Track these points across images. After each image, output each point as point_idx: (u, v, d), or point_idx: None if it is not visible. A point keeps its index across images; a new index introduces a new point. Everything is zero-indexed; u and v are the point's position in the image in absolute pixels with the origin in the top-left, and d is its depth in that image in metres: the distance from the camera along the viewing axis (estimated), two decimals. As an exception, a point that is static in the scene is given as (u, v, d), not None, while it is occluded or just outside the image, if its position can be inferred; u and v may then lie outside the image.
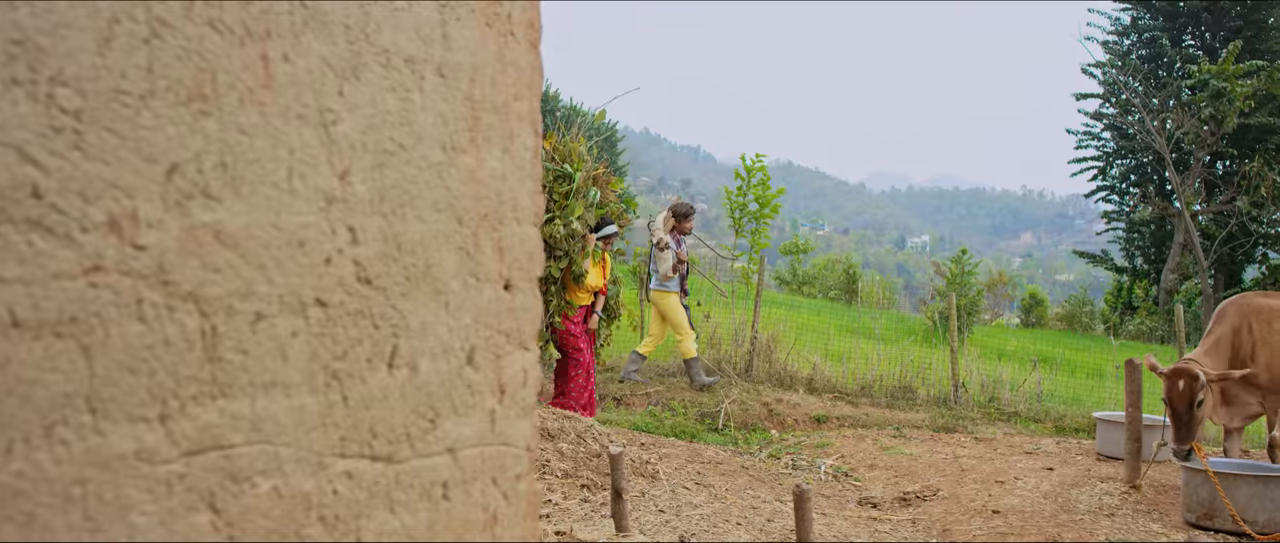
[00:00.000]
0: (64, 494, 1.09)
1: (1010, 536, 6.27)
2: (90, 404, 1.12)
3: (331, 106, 1.46)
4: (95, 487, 1.13)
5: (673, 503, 6.49)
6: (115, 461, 1.14)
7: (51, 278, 1.08)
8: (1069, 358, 15.43)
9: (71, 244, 1.10)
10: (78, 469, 1.11)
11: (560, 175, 8.27)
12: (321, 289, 1.44)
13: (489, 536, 1.81)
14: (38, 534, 1.07)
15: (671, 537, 5.82)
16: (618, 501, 5.54)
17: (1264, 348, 6.71)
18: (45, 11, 1.08)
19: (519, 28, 1.90)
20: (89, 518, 1.12)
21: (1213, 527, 6.14)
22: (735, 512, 6.48)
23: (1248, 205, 26.04)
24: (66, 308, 1.10)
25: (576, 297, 8.60)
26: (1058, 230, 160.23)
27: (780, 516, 6.55)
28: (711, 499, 6.73)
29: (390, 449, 1.58)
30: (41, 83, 1.07)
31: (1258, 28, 28.21)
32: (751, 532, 6.10)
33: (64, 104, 1.09)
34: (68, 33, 1.10)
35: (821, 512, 6.81)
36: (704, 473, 7.50)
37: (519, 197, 1.90)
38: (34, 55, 1.06)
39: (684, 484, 7.00)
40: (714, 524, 6.13)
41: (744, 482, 7.50)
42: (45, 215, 1.08)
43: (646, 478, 6.92)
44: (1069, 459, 8.29)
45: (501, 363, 1.85)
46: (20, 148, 1.05)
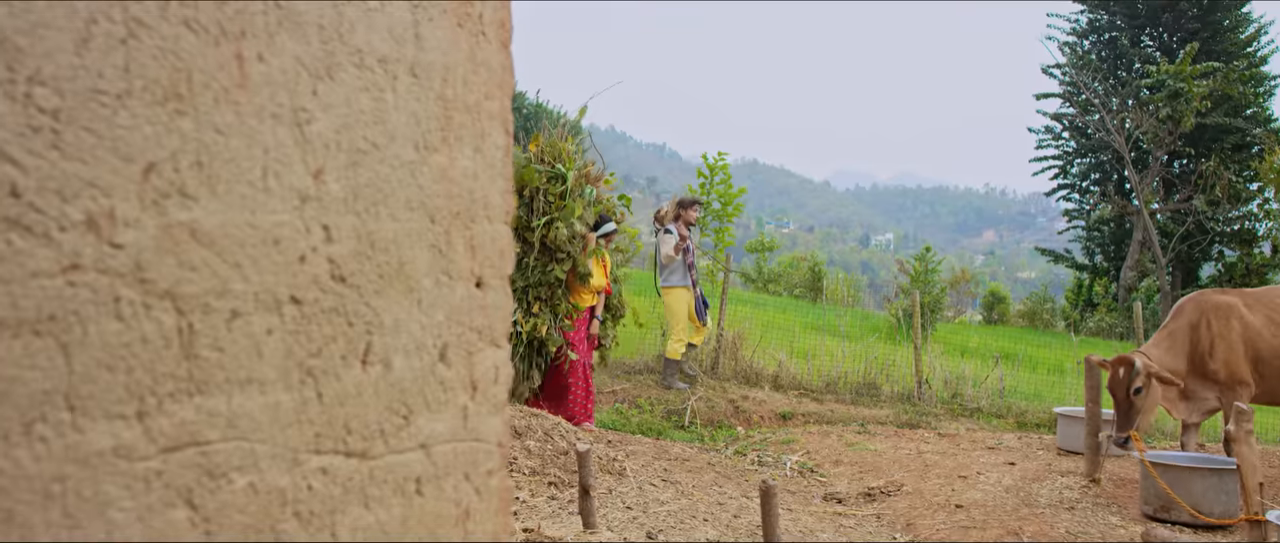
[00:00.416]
0: (43, 491, 1.10)
1: (973, 529, 6.35)
2: (69, 402, 1.13)
3: (306, 106, 1.47)
4: (74, 484, 1.13)
5: (640, 500, 6.52)
6: (94, 458, 1.15)
7: (30, 276, 1.09)
8: (1030, 354, 15.61)
9: (50, 243, 1.11)
10: (57, 466, 1.12)
11: (553, 176, 8.17)
12: (296, 287, 1.45)
13: (462, 531, 1.83)
14: (17, 531, 1.08)
15: (639, 534, 5.85)
16: (585, 498, 5.56)
17: (1222, 344, 6.83)
18: (23, 11, 1.08)
19: (490, 28, 1.91)
20: (68, 515, 1.13)
21: (1170, 519, 6.25)
22: (702, 508, 6.52)
23: (1204, 204, 26.47)
24: (45, 306, 1.11)
25: (581, 298, 8.49)
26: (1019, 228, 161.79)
27: (747, 512, 6.59)
28: (678, 496, 6.77)
29: (364, 446, 1.59)
30: (20, 82, 1.08)
31: (1213, 30, 28.66)
32: (718, 528, 6.14)
33: (42, 104, 1.10)
34: (45, 32, 1.11)
35: (787, 508, 6.86)
36: (671, 470, 7.54)
37: (490, 195, 1.92)
38: (12, 55, 1.07)
39: (651, 481, 7.03)
40: (681, 521, 6.17)
41: (710, 479, 7.54)
42: (24, 214, 1.08)
43: (613, 475, 6.95)
44: (1030, 454, 8.40)
45: (474, 360, 1.87)
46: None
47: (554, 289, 8.19)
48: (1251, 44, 29.09)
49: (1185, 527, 6.18)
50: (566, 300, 8.29)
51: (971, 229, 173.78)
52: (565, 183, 8.15)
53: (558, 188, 8.14)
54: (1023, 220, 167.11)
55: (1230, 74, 26.17)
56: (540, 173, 8.10)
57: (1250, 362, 6.86)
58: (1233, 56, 27.99)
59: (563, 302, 8.26)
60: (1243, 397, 6.76)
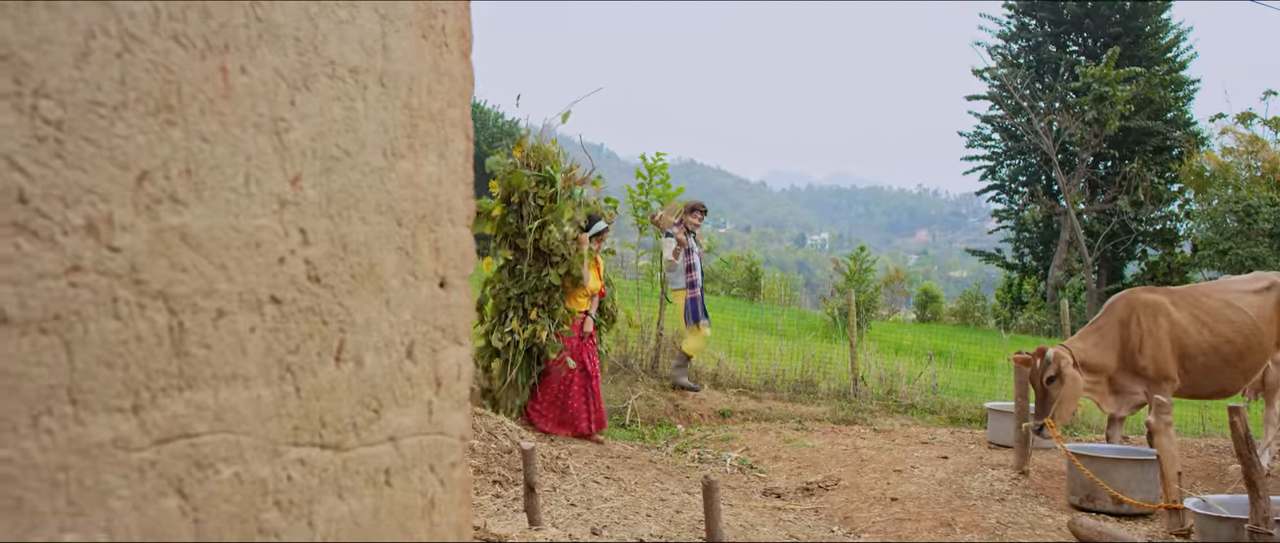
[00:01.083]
0: (50, 480, 1.17)
1: (907, 521, 6.53)
2: (71, 396, 1.20)
3: (284, 115, 1.54)
4: (77, 473, 1.20)
5: (584, 497, 6.61)
6: (94, 448, 1.22)
7: (36, 278, 1.16)
8: (962, 352, 15.95)
9: (54, 246, 1.18)
10: (61, 457, 1.18)
11: (541, 179, 8.09)
12: (276, 287, 1.53)
13: (427, 521, 1.91)
14: (27, 519, 1.14)
15: (584, 530, 5.94)
16: (530, 495, 5.64)
17: (1150, 340, 7.10)
18: (28, 26, 1.15)
19: (452, 38, 2.00)
20: (72, 502, 1.19)
21: (1094, 508, 6.49)
22: (645, 504, 6.63)
23: (1128, 205, 27.21)
24: (50, 306, 1.17)
25: (576, 302, 8.39)
26: (951, 228, 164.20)
27: (689, 507, 6.71)
28: (621, 493, 6.87)
29: (338, 438, 1.67)
30: (26, 95, 1.15)
31: (1135, 35, 29.45)
32: (661, 524, 6.25)
33: (46, 115, 1.17)
34: (49, 47, 1.17)
35: (728, 503, 6.99)
36: (613, 468, 7.64)
37: (453, 199, 2.00)
38: (19, 69, 1.14)
39: (594, 479, 7.13)
40: (625, 517, 6.27)
41: (652, 475, 7.65)
42: (30, 219, 1.15)
43: (557, 473, 7.03)
44: (962, 448, 8.63)
45: (438, 357, 1.95)
46: (8, 156, 1.12)
47: (551, 294, 8.12)
48: (1171, 49, 29.95)
49: (1109, 515, 6.43)
50: (563, 305, 8.22)
51: (905, 229, 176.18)
52: (554, 186, 8.11)
53: (547, 191, 8.09)
54: (954, 220, 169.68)
55: (1152, 78, 26.92)
56: (528, 177, 8.04)
57: (1177, 358, 7.13)
58: (1154, 61, 28.79)
59: (560, 307, 8.19)
60: (1166, 391, 7.03)
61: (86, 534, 1.21)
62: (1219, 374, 7.10)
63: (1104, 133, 26.36)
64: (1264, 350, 7.13)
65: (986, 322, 28.25)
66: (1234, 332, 7.03)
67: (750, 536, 6.30)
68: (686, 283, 10.46)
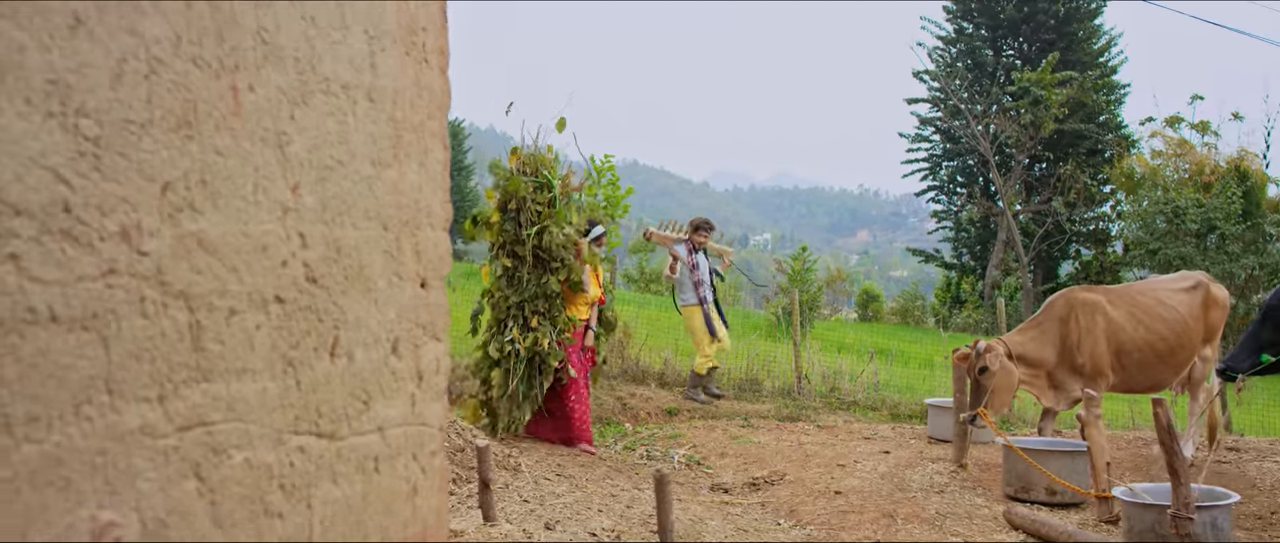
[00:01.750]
0: (90, 463, 1.29)
1: (851, 513, 6.74)
2: (108, 387, 1.32)
3: (285, 129, 1.67)
4: (112, 457, 1.33)
5: (536, 494, 6.73)
6: (127, 435, 1.35)
7: (77, 280, 1.28)
8: (903, 350, 16.29)
9: (92, 251, 1.30)
10: (99, 442, 1.31)
11: (539, 185, 7.96)
12: (279, 288, 1.66)
13: (410, 505, 2.05)
14: (72, 496, 1.27)
15: (537, 525, 6.07)
16: (485, 491, 5.76)
17: (1088, 338, 7.37)
18: (72, 54, 1.27)
19: (432, 55, 2.14)
20: (108, 483, 1.32)
21: (1029, 498, 6.76)
22: (596, 500, 6.77)
23: (1062, 206, 27.90)
24: (89, 305, 1.30)
25: (577, 310, 8.20)
26: (892, 228, 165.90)
27: (639, 502, 6.87)
28: (573, 489, 7.00)
29: (333, 428, 1.80)
30: (70, 115, 1.27)
31: (1069, 40, 30.17)
32: (613, 518, 6.39)
33: (86, 132, 1.29)
34: (88, 71, 1.30)
35: (677, 498, 7.15)
36: (564, 465, 7.77)
37: (432, 205, 2.14)
38: (64, 92, 1.26)
39: (545, 476, 7.25)
40: (577, 512, 6.40)
41: (602, 472, 7.79)
42: (73, 227, 1.28)
43: (509, 471, 7.14)
44: (903, 443, 8.88)
45: (420, 352, 2.09)
46: (54, 170, 1.25)
47: (552, 301, 7.96)
48: (1104, 54, 30.73)
49: (1042, 505, 6.69)
50: (564, 313, 8.06)
51: (846, 229, 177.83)
52: (552, 191, 7.97)
53: (545, 196, 7.95)
54: (895, 221, 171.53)
55: (1085, 83, 27.62)
56: (527, 183, 7.90)
57: (1113, 354, 7.42)
58: (1087, 66, 29.52)
59: (561, 314, 8.02)
60: (1102, 387, 7.31)
61: (120, 512, 1.34)
62: (1152, 370, 7.40)
63: (1039, 135, 27.00)
64: (1193, 347, 7.46)
65: (926, 320, 28.78)
66: (1167, 329, 7.35)
67: (699, 529, 6.47)
68: (697, 299, 10.59)
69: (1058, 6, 30.22)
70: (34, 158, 1.21)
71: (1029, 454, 6.74)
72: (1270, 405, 12.63)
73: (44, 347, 1.23)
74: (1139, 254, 25.05)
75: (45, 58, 1.23)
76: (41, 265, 1.22)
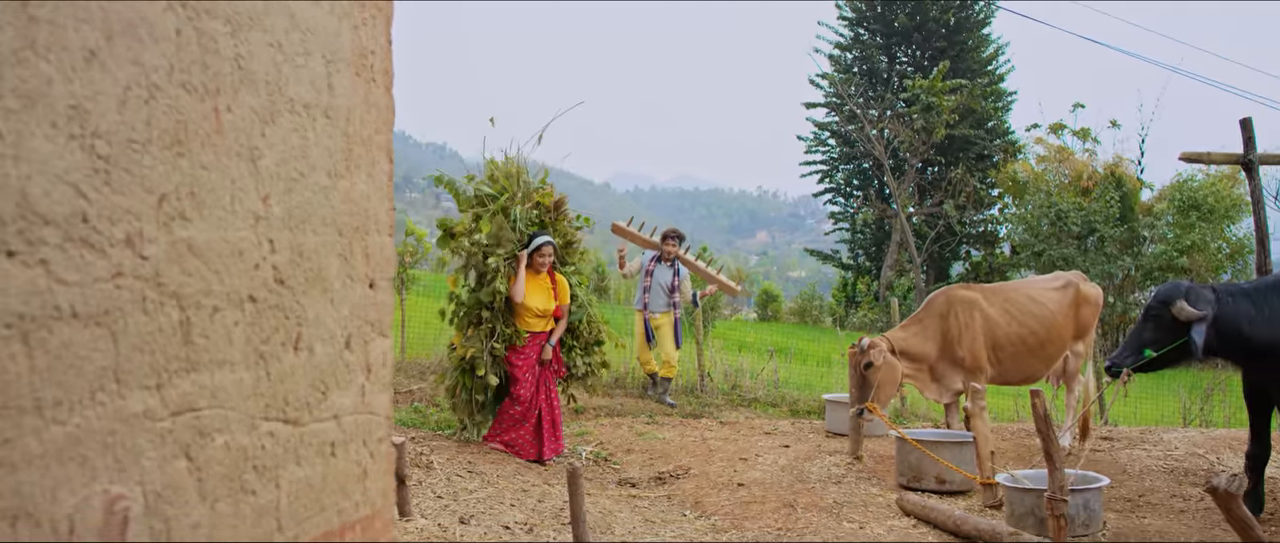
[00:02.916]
0: (103, 443, 1.47)
1: (753, 504, 7.05)
2: (116, 376, 1.50)
3: (257, 145, 1.86)
4: (120, 437, 1.50)
5: (449, 489, 6.89)
6: (132, 418, 1.53)
7: (93, 281, 1.46)
8: (801, 348, 16.77)
9: (104, 256, 1.48)
10: (110, 424, 1.48)
11: (492, 196, 7.96)
12: (253, 288, 1.84)
13: (361, 486, 2.24)
14: (89, 473, 1.44)
15: (452, 519, 6.23)
16: (400, 487, 5.91)
17: (967, 333, 7.82)
18: (88, 82, 1.45)
19: (379, 75, 2.33)
20: (117, 461, 1.50)
21: (920, 486, 7.15)
22: (508, 495, 6.95)
23: (953, 209, 28.88)
24: (101, 303, 1.47)
25: (525, 323, 8.04)
26: (790, 230, 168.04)
27: (549, 496, 7.07)
28: (484, 485, 7.17)
29: (297, 415, 1.99)
30: (87, 136, 1.44)
31: (960, 49, 31.23)
32: (525, 512, 6.59)
33: (100, 151, 1.47)
34: (100, 97, 1.47)
35: (587, 493, 7.38)
36: (475, 462, 7.92)
37: (379, 212, 2.33)
38: (82, 116, 1.44)
39: (457, 473, 7.41)
40: (490, 506, 6.58)
41: (513, 469, 7.97)
42: (89, 235, 1.45)
43: (422, 468, 7.28)
44: (802, 437, 9.24)
45: (369, 347, 2.28)
46: (75, 185, 1.42)
47: (491, 312, 7.89)
48: (992, 63, 31.90)
49: (932, 492, 7.09)
50: (504, 323, 7.94)
51: (746, 230, 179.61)
52: (497, 200, 7.97)
53: (495, 207, 7.92)
54: (793, 222, 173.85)
55: (974, 90, 28.66)
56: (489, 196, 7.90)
57: (990, 348, 7.88)
58: (976, 74, 30.62)
59: (498, 324, 7.90)
60: (982, 379, 7.76)
61: (127, 487, 1.51)
62: (1025, 362, 7.90)
63: (931, 140, 27.92)
64: (1063, 341, 7.98)
65: (823, 320, 29.49)
66: (1038, 323, 7.85)
67: (609, 521, 6.70)
68: (670, 304, 10.90)
69: (948, 16, 31.25)
70: (59, 175, 1.39)
71: (922, 445, 7.13)
72: (1143, 397, 13.38)
73: (67, 340, 1.41)
74: (1025, 255, 26.08)
75: (67, 87, 1.41)
76: (65, 269, 1.40)
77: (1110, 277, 23.55)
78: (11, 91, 1.30)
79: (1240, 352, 5.97)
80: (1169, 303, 5.96)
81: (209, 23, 1.71)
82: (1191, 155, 8.93)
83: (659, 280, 10.96)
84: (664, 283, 10.98)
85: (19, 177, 1.32)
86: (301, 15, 1.99)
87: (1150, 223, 24.42)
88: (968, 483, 7.11)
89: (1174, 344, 5.94)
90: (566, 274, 8.39)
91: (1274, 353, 5.85)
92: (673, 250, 11.05)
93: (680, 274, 11.07)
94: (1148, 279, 23.89)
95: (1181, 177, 24.67)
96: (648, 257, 11.10)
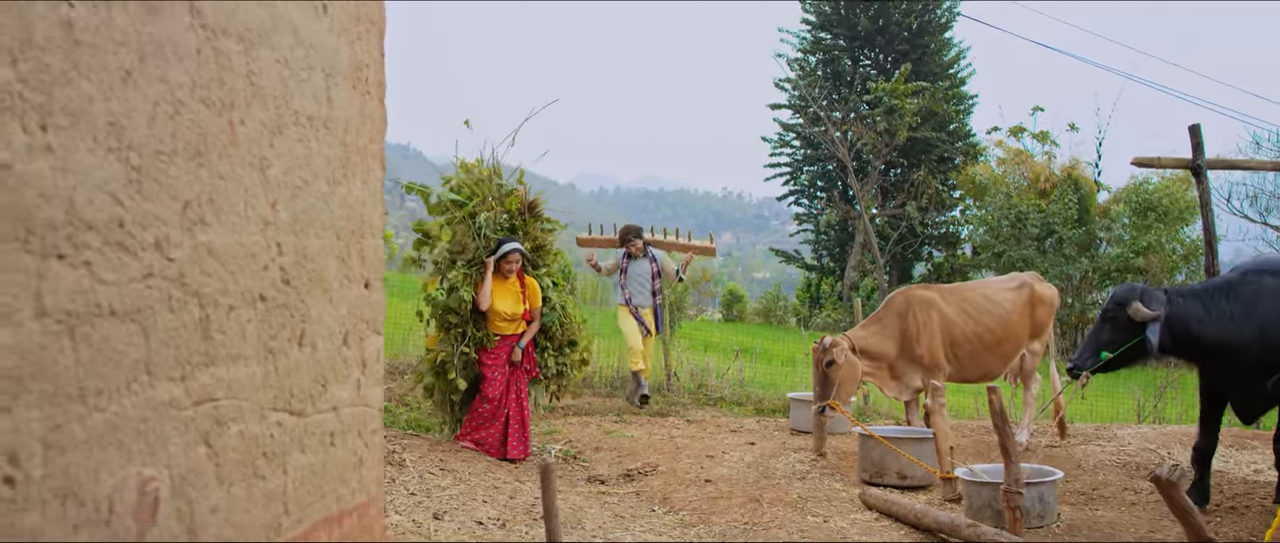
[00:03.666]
0: (136, 429, 1.61)
1: (720, 499, 7.22)
2: (147, 368, 1.64)
3: (266, 156, 2.00)
4: (151, 424, 1.64)
5: (422, 486, 7.00)
6: (161, 407, 1.66)
7: (128, 282, 1.60)
8: (766, 348, 16.96)
9: (137, 258, 1.62)
10: (142, 412, 1.62)
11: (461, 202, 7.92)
12: (263, 288, 1.98)
13: (357, 474, 2.38)
14: (124, 456, 1.58)
15: (425, 515, 6.35)
16: (376, 484, 6.02)
17: (925, 331, 8.02)
18: (123, 99, 1.59)
19: (372, 88, 2.47)
20: (149, 446, 1.64)
21: (882, 482, 7.35)
22: (480, 492, 7.08)
23: (915, 210, 29.25)
24: (134, 302, 1.61)
25: (495, 326, 8.08)
26: (755, 231, 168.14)
27: (521, 493, 7.20)
28: (457, 482, 7.29)
29: (301, 406, 2.13)
30: (122, 149, 1.58)
31: (922, 52, 31.59)
32: (497, 508, 6.72)
33: (133, 163, 1.61)
34: (134, 114, 1.61)
35: (557, 489, 7.51)
36: (446, 460, 8.03)
37: (372, 217, 2.48)
38: (119, 131, 1.57)
39: (429, 470, 7.52)
40: (463, 503, 6.70)
41: (484, 466, 8.09)
42: (125, 239, 1.59)
43: (394, 466, 7.39)
44: (768, 435, 9.42)
45: (364, 344, 2.42)
46: (113, 194, 1.56)
47: (460, 314, 7.89)
48: (953, 66, 32.28)
49: (894, 487, 7.29)
50: (474, 327, 7.96)
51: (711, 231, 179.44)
52: (462, 208, 7.84)
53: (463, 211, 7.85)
54: (758, 223, 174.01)
55: (936, 93, 29.01)
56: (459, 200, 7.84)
57: (947, 346, 8.10)
58: (938, 77, 30.98)
59: (468, 328, 7.93)
60: (939, 377, 7.97)
61: (156, 470, 1.65)
62: (982, 360, 8.12)
63: (894, 143, 28.26)
64: (1018, 339, 8.22)
65: (788, 320, 29.75)
66: (993, 321, 8.08)
67: (579, 517, 6.85)
68: (651, 295, 10.75)
69: (910, 20, 31.62)
70: (99, 184, 1.52)
71: (884, 441, 7.32)
72: (1099, 396, 13.70)
73: (106, 334, 1.54)
74: (986, 256, 26.47)
75: (106, 104, 1.55)
76: (104, 270, 1.54)
77: (1068, 277, 23.96)
78: (61, 109, 1.44)
79: (1190, 350, 6.22)
80: (1125, 304, 6.20)
81: (225, 42, 1.85)
82: (1143, 160, 9.21)
83: (636, 274, 10.83)
84: (643, 275, 10.86)
85: (67, 186, 1.46)
86: (304, 31, 2.13)
87: (1107, 225, 24.87)
88: (928, 478, 7.31)
89: (1129, 344, 6.17)
90: (537, 277, 8.42)
91: (1221, 351, 6.10)
92: (637, 247, 10.87)
93: (657, 260, 10.93)
94: (1105, 280, 24.32)
95: (1137, 179, 25.14)
96: (619, 255, 10.96)
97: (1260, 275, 6.35)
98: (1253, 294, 6.22)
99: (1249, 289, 6.25)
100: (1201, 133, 8.74)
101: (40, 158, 1.40)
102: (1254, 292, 6.23)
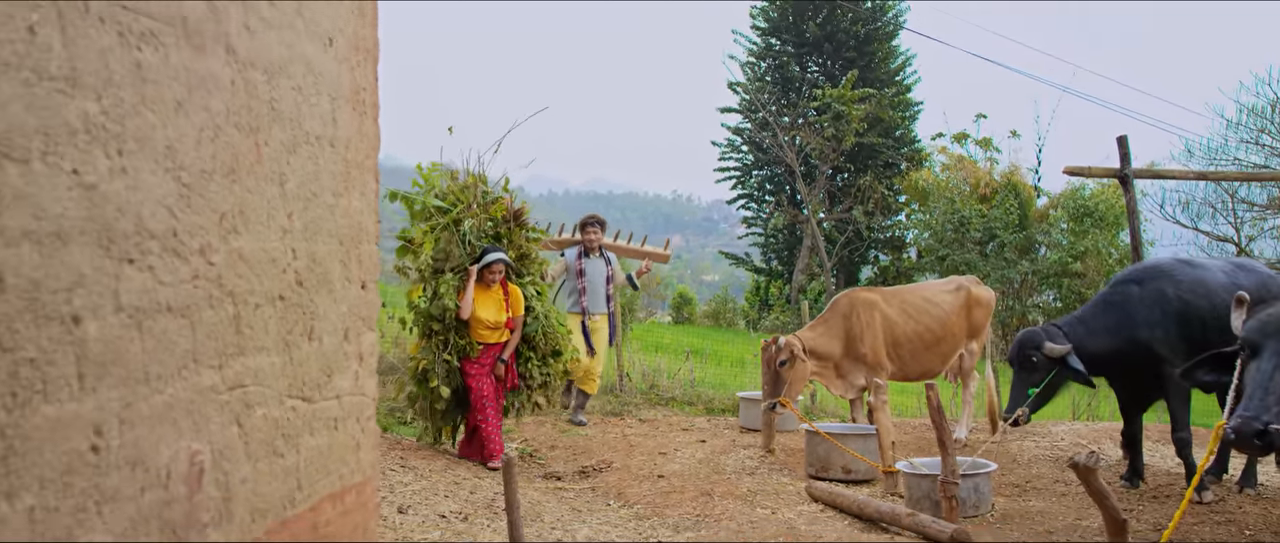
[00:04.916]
0: (185, 409, 1.87)
1: (673, 494, 7.52)
2: (194, 357, 1.90)
3: (284, 172, 2.26)
4: (197, 405, 1.91)
5: (385, 483, 7.23)
6: (204, 391, 1.93)
7: (180, 282, 1.86)
8: (716, 350, 17.31)
9: (186, 262, 1.88)
10: (190, 395, 1.89)
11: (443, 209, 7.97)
12: (282, 289, 2.25)
13: (356, 456, 2.65)
14: (176, 432, 1.84)
15: (390, 509, 6.58)
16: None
17: (868, 332, 8.39)
18: (176, 125, 1.85)
19: (369, 108, 2.74)
20: (195, 425, 1.90)
21: (827, 476, 7.70)
22: (442, 487, 7.32)
23: (862, 215, 29.81)
24: (184, 300, 1.88)
25: (478, 334, 8.10)
26: (704, 233, 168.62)
27: (481, 489, 7.46)
28: (418, 478, 7.53)
29: (310, 394, 2.39)
30: (176, 169, 1.85)
31: (869, 59, 32.19)
32: (459, 502, 6.97)
33: (184, 180, 1.87)
34: (184, 138, 1.88)
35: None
36: (406, 458, 8.26)
37: (369, 225, 2.75)
38: (173, 153, 1.84)
39: (391, 467, 7.74)
40: (425, 498, 6.95)
41: (443, 464, 8.33)
42: (178, 246, 1.85)
43: (357, 463, 7.60)
44: (718, 433, 9.74)
45: (361, 339, 2.69)
46: (168, 208, 1.82)
47: (443, 322, 7.91)
48: (899, 74, 32.93)
49: (839, 481, 7.65)
50: (457, 335, 7.97)
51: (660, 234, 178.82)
52: (445, 214, 7.90)
53: (446, 219, 7.90)
54: (707, 226, 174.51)
55: (883, 100, 29.62)
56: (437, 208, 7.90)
57: (889, 346, 8.47)
58: (884, 84, 31.60)
59: (452, 335, 7.95)
60: (882, 376, 8.34)
61: (202, 445, 1.92)
62: (922, 359, 8.52)
63: (841, 148, 28.80)
64: (956, 339, 8.64)
65: (737, 322, 30.16)
66: (933, 321, 8.49)
67: (538, 511, 7.12)
68: (579, 308, 9.85)
69: (858, 28, 32.19)
70: (158, 200, 1.79)
71: (830, 437, 7.67)
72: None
73: (164, 328, 1.81)
74: (930, 260, 27.05)
75: (164, 131, 1.81)
76: (163, 272, 1.80)
77: (1009, 281, 24.62)
78: (132, 136, 1.71)
79: (1094, 366, 6.83)
80: (1038, 347, 6.76)
81: (252, 73, 2.12)
82: (1074, 169, 9.67)
83: (593, 276, 9.84)
84: (600, 278, 9.86)
85: (135, 202, 1.72)
86: (314, 62, 2.40)
87: (1046, 229, 25.58)
88: (872, 472, 7.67)
89: (1048, 377, 6.73)
90: (521, 286, 8.39)
91: (1111, 361, 6.79)
92: (597, 239, 9.91)
93: (612, 262, 9.97)
94: (1044, 283, 25.02)
95: (1073, 186, 25.86)
96: (572, 254, 9.93)
97: (1127, 285, 7.06)
98: (1120, 303, 6.90)
99: (1118, 299, 6.93)
100: (1129, 144, 9.20)
101: (118, 179, 1.66)
102: (1122, 301, 6.95)
